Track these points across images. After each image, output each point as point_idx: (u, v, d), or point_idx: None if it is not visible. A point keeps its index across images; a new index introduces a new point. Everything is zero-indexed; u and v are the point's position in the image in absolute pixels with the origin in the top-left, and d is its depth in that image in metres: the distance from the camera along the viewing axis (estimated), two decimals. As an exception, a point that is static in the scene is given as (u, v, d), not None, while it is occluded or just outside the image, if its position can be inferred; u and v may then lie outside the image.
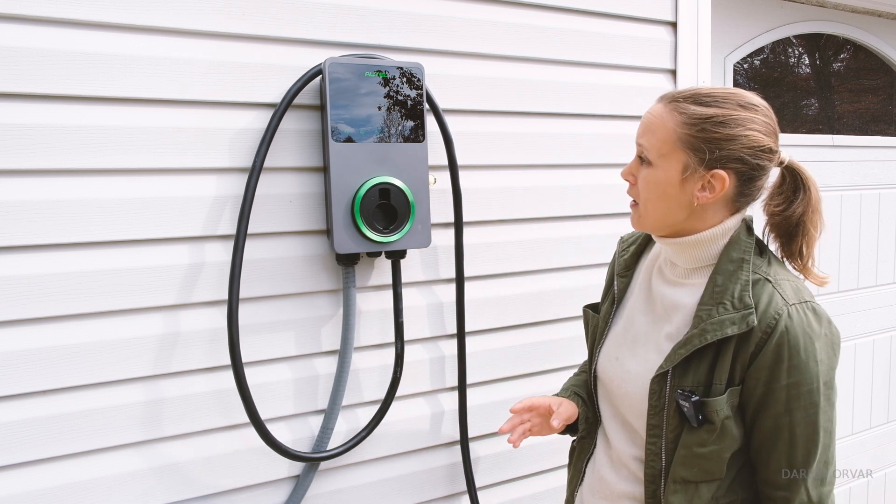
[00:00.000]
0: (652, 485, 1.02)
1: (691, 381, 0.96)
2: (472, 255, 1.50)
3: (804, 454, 0.94)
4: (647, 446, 1.01)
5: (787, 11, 2.14)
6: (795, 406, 0.92)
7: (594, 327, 1.20)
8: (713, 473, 0.97)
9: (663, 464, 1.00)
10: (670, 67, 1.73)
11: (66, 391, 1.16)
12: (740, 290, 0.94)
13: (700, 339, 0.94)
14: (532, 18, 1.53)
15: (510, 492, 1.61)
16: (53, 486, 1.15)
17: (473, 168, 1.49)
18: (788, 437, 0.94)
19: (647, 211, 1.01)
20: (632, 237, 1.22)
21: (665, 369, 0.98)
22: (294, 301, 1.33)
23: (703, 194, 0.95)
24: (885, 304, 2.49)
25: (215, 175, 1.24)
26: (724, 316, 0.93)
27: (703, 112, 0.92)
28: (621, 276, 1.17)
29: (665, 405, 0.99)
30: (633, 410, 1.05)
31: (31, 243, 1.11)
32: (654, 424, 1.00)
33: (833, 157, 2.28)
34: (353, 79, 1.25)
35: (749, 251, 0.98)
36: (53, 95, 1.11)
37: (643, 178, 0.99)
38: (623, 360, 1.09)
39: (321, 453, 1.32)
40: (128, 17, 1.15)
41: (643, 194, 1.00)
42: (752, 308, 0.93)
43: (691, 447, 0.96)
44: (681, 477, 0.98)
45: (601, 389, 1.16)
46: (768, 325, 0.92)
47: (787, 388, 0.92)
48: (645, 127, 0.99)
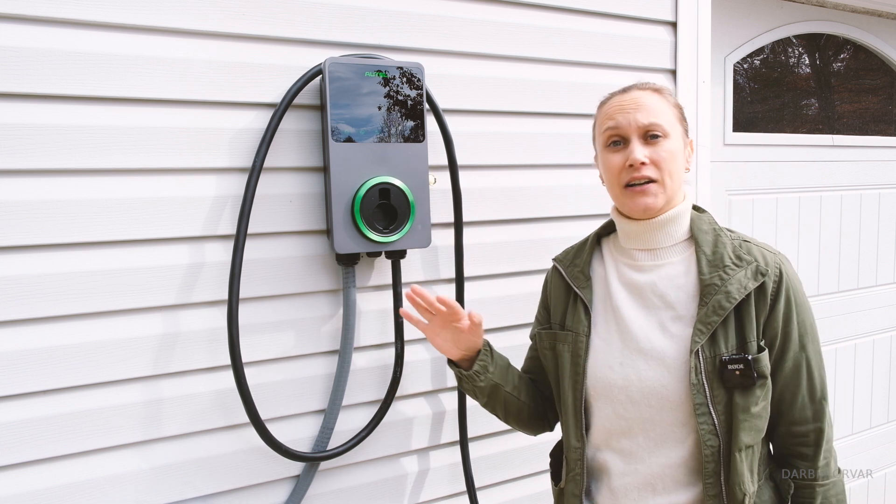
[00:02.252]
0: (711, 463, 1.00)
1: (724, 348, 1.00)
2: (472, 255, 1.50)
3: (821, 382, 1.04)
4: (700, 426, 0.99)
5: (787, 11, 2.14)
6: (807, 340, 1.03)
7: (571, 345, 1.12)
8: (762, 431, 1.02)
9: (721, 438, 0.99)
10: (670, 67, 1.73)
11: (66, 391, 1.16)
12: (733, 251, 1.04)
13: (728, 300, 0.99)
14: (532, 18, 1.53)
15: (510, 492, 1.61)
16: (53, 486, 1.15)
17: (473, 168, 1.49)
18: (807, 372, 1.03)
19: (672, 181, 1.06)
20: (566, 255, 1.21)
21: (700, 343, 0.99)
22: (294, 301, 1.33)
23: (689, 158, 1.12)
24: (885, 304, 2.48)
25: (215, 175, 1.24)
26: (737, 274, 1.01)
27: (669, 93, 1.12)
28: (582, 287, 1.14)
29: (705, 380, 0.99)
30: (665, 405, 1.02)
31: (31, 243, 1.11)
32: (700, 402, 0.99)
33: (833, 157, 2.28)
34: (353, 79, 1.25)
35: (714, 222, 1.10)
36: (53, 95, 1.11)
37: (666, 150, 1.05)
38: (630, 362, 1.05)
39: (321, 453, 1.32)
40: (128, 17, 1.15)
41: (667, 165, 1.05)
42: (755, 261, 1.02)
43: (749, 409, 0.99)
44: (745, 444, 0.99)
45: (605, 406, 1.08)
46: (775, 274, 1.02)
47: (798, 326, 1.02)
48: (648, 110, 1.06)
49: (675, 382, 1.01)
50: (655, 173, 1.05)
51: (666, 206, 1.07)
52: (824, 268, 2.32)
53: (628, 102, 1.06)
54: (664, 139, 1.05)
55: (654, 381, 1.03)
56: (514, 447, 1.60)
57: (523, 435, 1.61)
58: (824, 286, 2.32)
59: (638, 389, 1.04)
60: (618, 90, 1.11)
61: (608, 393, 1.07)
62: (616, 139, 1.07)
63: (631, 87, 1.09)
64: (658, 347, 1.03)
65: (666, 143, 1.05)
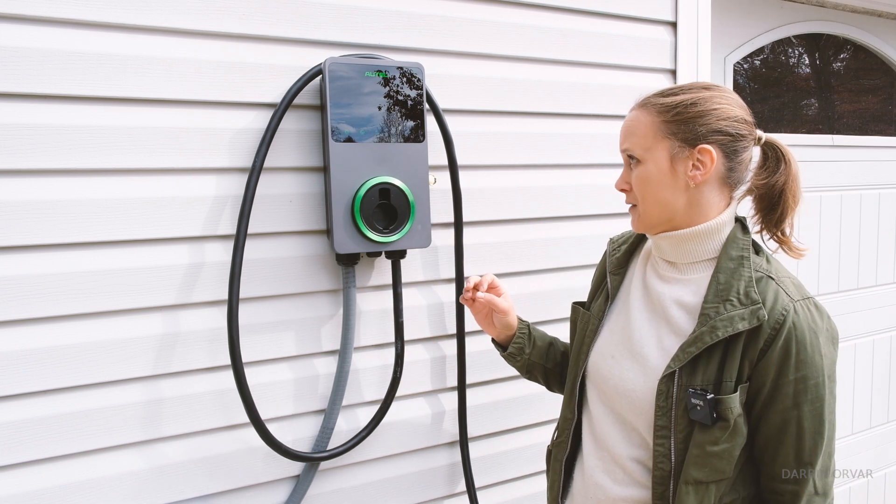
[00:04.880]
0: (660, 486, 1.00)
1: (700, 380, 0.96)
2: (472, 255, 1.50)
3: (811, 447, 0.95)
4: (656, 448, 1.00)
5: (787, 11, 2.14)
6: (803, 400, 0.94)
7: (584, 324, 1.19)
8: (724, 472, 0.97)
9: (673, 465, 0.98)
10: (670, 67, 1.73)
11: (66, 391, 1.16)
12: (745, 287, 0.97)
13: (711, 335, 0.95)
14: (532, 18, 1.53)
15: (509, 492, 1.61)
16: (53, 486, 1.15)
17: (474, 168, 1.49)
18: (796, 431, 0.95)
19: (646, 209, 1.03)
20: (622, 237, 1.23)
21: (673, 369, 0.97)
22: (294, 301, 1.33)
23: (696, 173, 0.99)
24: (885, 304, 2.49)
25: (215, 175, 1.24)
26: (733, 312, 0.95)
27: (673, 100, 1.00)
28: (614, 273, 1.17)
29: (673, 405, 0.98)
30: (633, 409, 1.04)
31: (31, 243, 1.11)
32: (662, 426, 0.99)
33: (833, 157, 2.28)
34: (353, 79, 1.25)
35: (748, 249, 1.01)
36: (53, 95, 1.11)
37: (636, 177, 1.03)
38: (619, 358, 1.08)
39: (321, 453, 1.32)
40: (128, 17, 1.15)
41: (640, 193, 1.03)
42: (760, 303, 0.95)
43: (704, 446, 0.96)
44: (693, 478, 0.96)
45: (593, 389, 1.13)
46: (777, 321, 0.94)
47: (794, 382, 0.93)
48: (625, 133, 1.05)
49: (647, 393, 1.02)
50: (633, 198, 1.06)
51: (667, 225, 1.03)
52: (824, 268, 2.32)
53: (625, 121, 1.07)
54: (638, 164, 1.03)
55: (629, 384, 1.04)
56: (514, 447, 1.61)
57: (523, 435, 1.62)
58: (824, 286, 2.33)
59: (615, 385, 1.07)
60: None
61: (595, 379, 1.12)
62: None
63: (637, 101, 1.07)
64: (645, 354, 1.04)
65: (638, 168, 1.02)
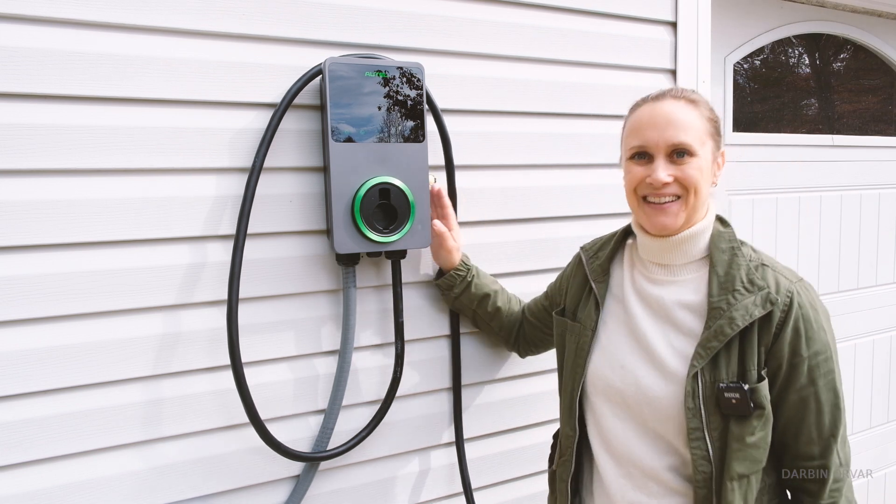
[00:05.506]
0: (703, 489, 0.98)
1: (725, 374, 0.97)
2: (472, 255, 1.50)
3: (832, 419, 0.98)
4: (692, 451, 0.98)
5: (787, 11, 2.14)
6: (817, 375, 0.97)
7: (576, 336, 1.15)
8: (760, 461, 0.98)
9: (713, 465, 0.98)
10: (670, 67, 1.73)
11: (66, 391, 1.16)
12: (747, 275, 1.00)
13: (731, 326, 0.96)
14: (532, 18, 1.53)
15: (507, 492, 1.61)
16: (53, 486, 1.15)
17: (473, 168, 1.49)
18: (816, 407, 0.98)
19: (696, 198, 1.03)
20: (595, 244, 1.22)
21: (697, 367, 0.97)
22: (294, 301, 1.33)
23: (718, 173, 1.08)
24: (885, 304, 2.48)
25: (215, 175, 1.24)
26: (745, 300, 0.97)
27: (706, 105, 1.06)
28: (598, 281, 1.15)
29: (702, 405, 0.97)
30: (658, 416, 1.02)
31: (31, 243, 1.11)
32: (695, 427, 0.98)
33: (833, 157, 2.28)
34: (353, 79, 1.25)
35: (735, 240, 1.06)
36: (53, 95, 1.11)
37: (694, 167, 1.02)
38: (633, 367, 1.05)
39: (321, 453, 1.32)
40: (128, 17, 1.15)
41: (694, 183, 1.02)
42: (767, 288, 0.98)
43: (743, 438, 0.96)
44: (737, 473, 0.96)
45: (603, 403, 1.10)
46: (784, 303, 0.97)
47: (808, 359, 0.97)
48: (678, 126, 1.02)
49: (671, 397, 1.00)
50: (680, 190, 1.03)
51: (686, 224, 1.04)
52: (824, 268, 2.32)
53: (659, 116, 1.02)
54: (692, 157, 1.02)
55: (651, 391, 1.02)
56: (512, 448, 1.60)
57: (522, 436, 1.61)
58: (824, 286, 2.33)
59: (633, 394, 1.04)
60: (652, 95, 1.07)
61: (606, 392, 1.09)
62: (641, 153, 1.05)
63: (665, 95, 1.05)
64: (661, 359, 1.03)
65: (693, 161, 1.01)
